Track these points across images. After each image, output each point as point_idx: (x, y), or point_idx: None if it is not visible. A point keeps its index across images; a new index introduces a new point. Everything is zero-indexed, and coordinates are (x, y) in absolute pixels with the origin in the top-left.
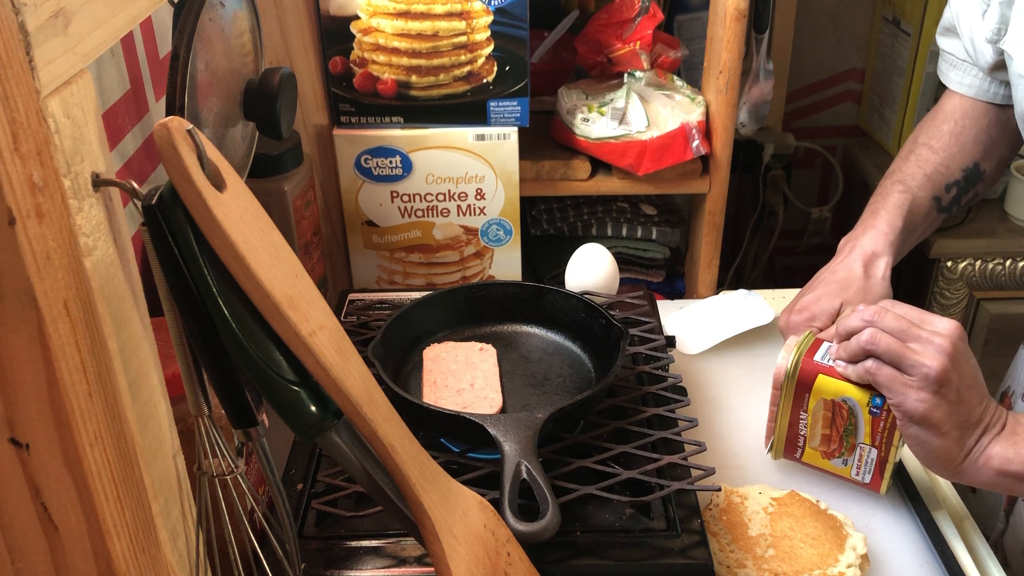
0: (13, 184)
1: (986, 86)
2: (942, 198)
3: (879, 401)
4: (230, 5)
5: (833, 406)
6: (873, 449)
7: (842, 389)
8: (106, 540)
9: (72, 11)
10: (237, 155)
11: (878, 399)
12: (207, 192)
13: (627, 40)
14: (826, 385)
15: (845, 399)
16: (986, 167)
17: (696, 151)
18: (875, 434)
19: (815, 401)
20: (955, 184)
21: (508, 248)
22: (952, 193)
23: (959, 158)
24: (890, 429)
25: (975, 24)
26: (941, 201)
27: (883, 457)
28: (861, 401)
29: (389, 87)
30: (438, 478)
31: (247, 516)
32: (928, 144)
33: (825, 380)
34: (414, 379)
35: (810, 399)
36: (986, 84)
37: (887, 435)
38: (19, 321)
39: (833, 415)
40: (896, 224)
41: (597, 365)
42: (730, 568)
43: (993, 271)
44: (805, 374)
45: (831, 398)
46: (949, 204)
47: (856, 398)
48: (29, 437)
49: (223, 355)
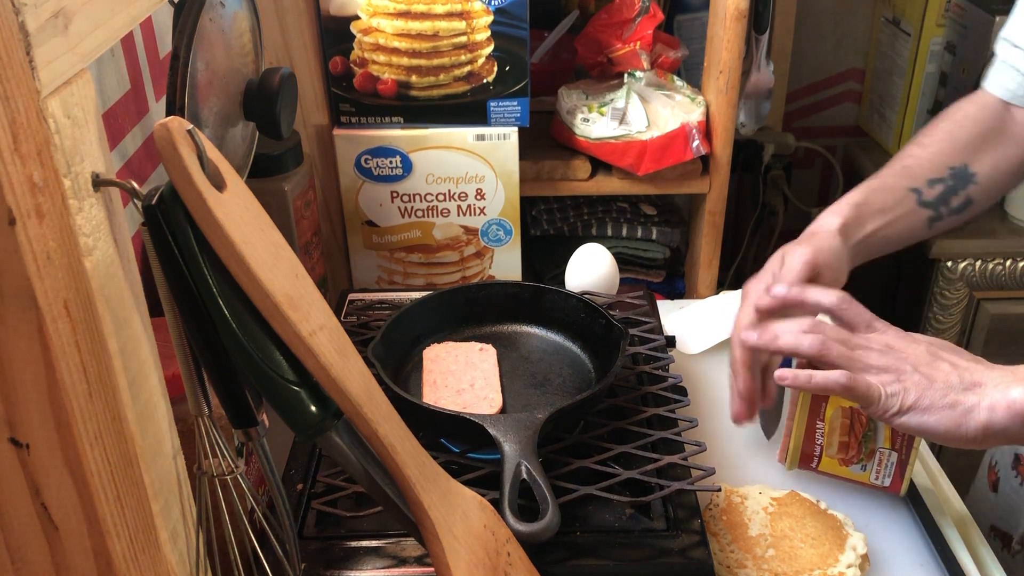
0: (13, 184)
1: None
2: (923, 191)
3: None
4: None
5: (851, 413)
6: (893, 452)
7: None
8: (106, 540)
9: (72, 11)
10: (237, 155)
11: None
12: (207, 192)
13: (627, 40)
14: None
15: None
16: (978, 170)
17: (696, 151)
18: (895, 437)
19: (832, 410)
20: (940, 181)
21: (508, 248)
22: (937, 190)
23: (948, 155)
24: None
25: None
26: (922, 194)
27: (903, 459)
28: None
29: (389, 87)
30: (438, 478)
31: (247, 516)
32: (918, 141)
33: None
34: (414, 379)
35: (827, 408)
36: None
37: (907, 437)
38: (19, 321)
39: (852, 422)
40: (853, 197)
41: (597, 365)
42: (730, 568)
43: (993, 271)
44: None
45: (848, 405)
46: (934, 201)
47: None
48: (29, 437)
49: (223, 355)
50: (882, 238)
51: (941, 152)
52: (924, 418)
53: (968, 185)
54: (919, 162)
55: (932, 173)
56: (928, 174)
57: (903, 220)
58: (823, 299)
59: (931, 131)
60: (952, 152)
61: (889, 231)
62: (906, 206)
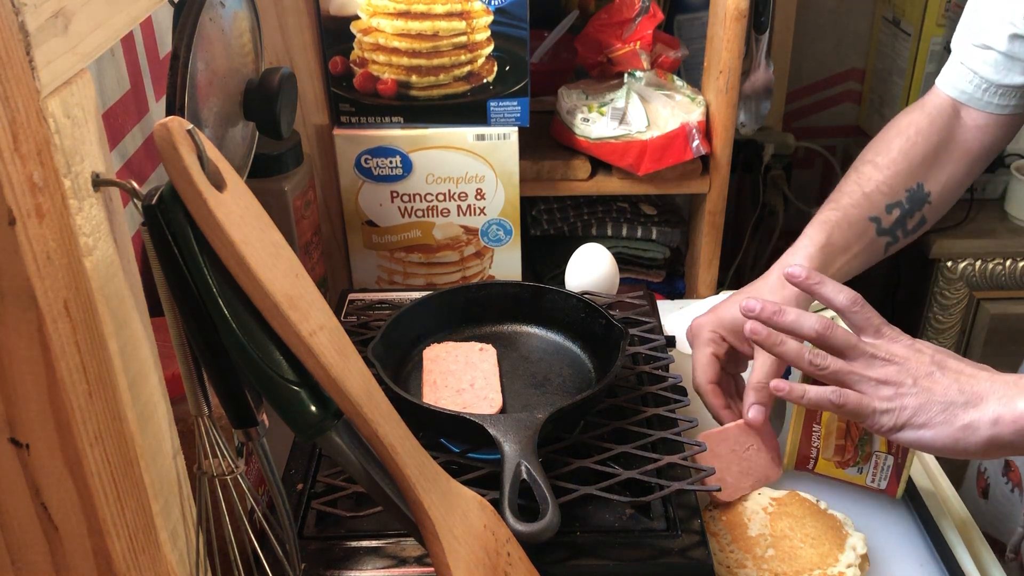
0: (13, 184)
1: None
2: (882, 219)
3: None
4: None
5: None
6: (889, 456)
7: None
8: (106, 540)
9: (72, 11)
10: (237, 155)
11: None
12: (207, 192)
13: (627, 40)
14: None
15: None
16: (932, 189)
17: (696, 151)
18: (891, 441)
19: (828, 413)
20: (897, 205)
21: (508, 248)
22: (895, 215)
23: (904, 176)
24: None
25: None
26: (881, 223)
27: (899, 463)
28: None
29: (389, 87)
30: (438, 478)
31: (247, 516)
32: (873, 161)
33: None
34: (414, 379)
35: (823, 411)
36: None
37: None
38: (19, 321)
39: (848, 425)
40: (818, 238)
41: (597, 365)
42: (730, 568)
43: (993, 271)
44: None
45: None
46: (892, 227)
47: None
48: (29, 437)
49: (223, 355)
50: (843, 275)
51: (897, 174)
52: (920, 434)
53: (923, 205)
54: (877, 187)
55: (890, 198)
56: (886, 199)
57: (864, 253)
58: (835, 298)
59: (885, 149)
60: (908, 173)
61: (850, 267)
62: (867, 238)
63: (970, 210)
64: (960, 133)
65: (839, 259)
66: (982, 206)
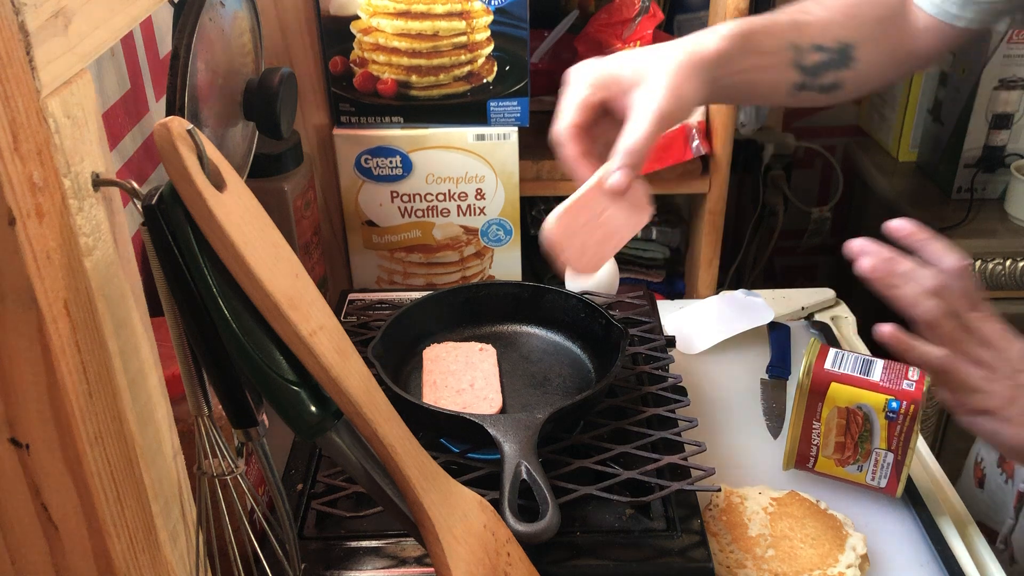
0: (13, 184)
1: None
2: (803, 54)
3: (895, 405)
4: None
5: (848, 413)
6: (889, 454)
7: (856, 396)
8: (106, 540)
9: (72, 11)
10: (237, 155)
11: (894, 403)
12: (207, 192)
13: (627, 40)
14: (840, 393)
15: (860, 406)
16: (860, 56)
17: (696, 151)
18: (891, 438)
19: (828, 410)
20: (823, 50)
21: (508, 248)
22: (815, 58)
23: (841, 25)
24: (906, 433)
25: None
26: (800, 56)
27: (899, 461)
28: (877, 407)
29: (389, 87)
30: (438, 478)
31: (247, 516)
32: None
33: (838, 388)
34: (414, 379)
35: (823, 408)
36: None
37: (903, 439)
38: (19, 321)
39: (848, 422)
40: (738, 28)
41: (597, 365)
42: (730, 568)
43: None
44: (818, 383)
45: (845, 406)
46: (808, 68)
47: (871, 404)
48: (29, 437)
49: (223, 355)
50: (747, 82)
51: (835, 20)
52: (998, 427)
53: (845, 67)
54: (812, 21)
55: (820, 39)
56: (816, 38)
57: (773, 72)
58: (943, 260)
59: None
60: (846, 23)
61: (757, 77)
62: (781, 58)
63: (970, 210)
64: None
65: (749, 58)
66: (982, 206)
